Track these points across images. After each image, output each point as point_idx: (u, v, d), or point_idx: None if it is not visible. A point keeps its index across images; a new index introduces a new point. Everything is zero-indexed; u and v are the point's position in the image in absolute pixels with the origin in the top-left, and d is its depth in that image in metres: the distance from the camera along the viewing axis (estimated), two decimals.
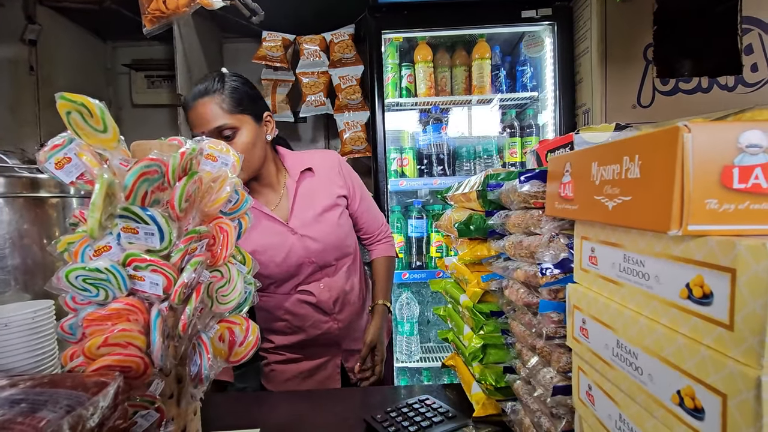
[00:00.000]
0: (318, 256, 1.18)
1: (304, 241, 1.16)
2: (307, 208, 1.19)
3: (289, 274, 1.17)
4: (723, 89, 1.59)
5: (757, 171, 0.25)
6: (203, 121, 1.05)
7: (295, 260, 1.16)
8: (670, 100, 1.60)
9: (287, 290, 1.20)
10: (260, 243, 1.14)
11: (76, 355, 0.56)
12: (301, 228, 1.17)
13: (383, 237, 1.38)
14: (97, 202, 0.47)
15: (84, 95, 0.55)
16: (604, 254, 0.39)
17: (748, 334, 0.23)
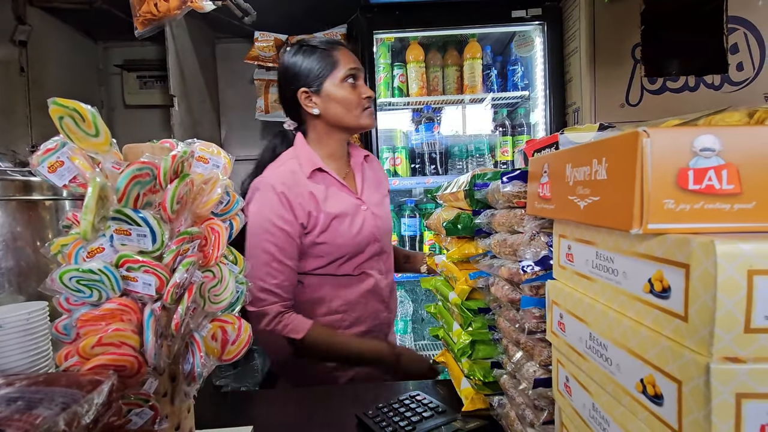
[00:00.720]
0: (382, 236, 1.19)
1: (375, 218, 1.18)
2: (373, 189, 1.23)
3: (358, 248, 1.14)
4: (709, 88, 1.62)
5: (710, 173, 0.27)
6: (355, 60, 1.17)
7: (366, 235, 1.15)
8: (658, 98, 1.62)
9: (350, 269, 1.15)
10: (340, 210, 1.13)
11: (71, 355, 0.57)
12: (371, 206, 1.19)
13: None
14: (89, 205, 0.48)
15: (76, 99, 0.56)
16: (579, 251, 0.41)
17: (700, 325, 0.25)
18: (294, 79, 1.14)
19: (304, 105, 1.14)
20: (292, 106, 1.18)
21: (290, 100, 1.17)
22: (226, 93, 2.76)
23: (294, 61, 1.15)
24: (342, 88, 1.13)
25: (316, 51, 1.14)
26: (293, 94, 1.15)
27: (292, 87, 1.15)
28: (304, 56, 1.14)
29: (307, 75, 1.13)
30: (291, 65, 1.15)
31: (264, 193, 1.10)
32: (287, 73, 1.16)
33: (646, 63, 1.57)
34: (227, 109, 2.77)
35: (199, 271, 0.65)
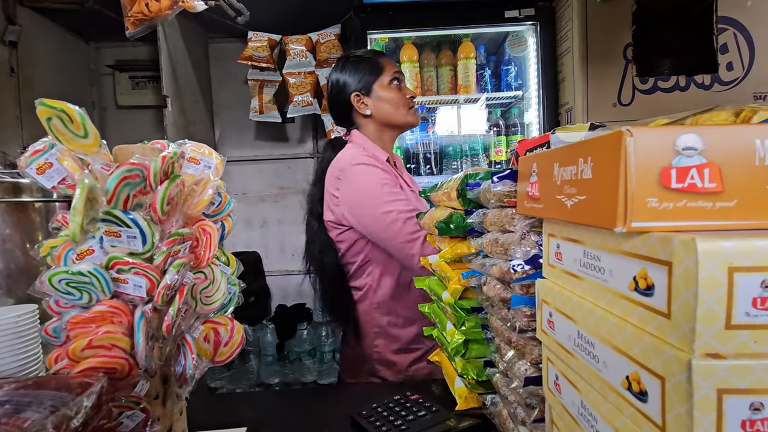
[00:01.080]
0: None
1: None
2: (413, 186, 1.30)
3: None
4: (700, 87, 1.63)
5: (692, 171, 0.27)
6: (396, 65, 1.30)
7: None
8: (650, 98, 1.64)
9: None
10: (412, 203, 1.18)
11: (61, 357, 0.57)
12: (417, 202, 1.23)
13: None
14: (78, 207, 0.48)
15: (67, 100, 0.55)
16: (568, 250, 0.41)
17: (682, 321, 0.25)
18: (346, 85, 1.26)
19: (357, 107, 1.26)
20: (344, 112, 1.30)
21: (343, 106, 1.28)
22: (220, 93, 2.75)
23: (344, 71, 1.28)
24: (389, 89, 1.25)
25: (363, 60, 1.28)
26: (346, 99, 1.26)
27: (345, 93, 1.27)
28: (353, 66, 1.27)
29: (358, 80, 1.26)
30: (341, 75, 1.28)
31: (362, 167, 1.17)
32: (339, 82, 1.28)
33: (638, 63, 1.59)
34: (221, 110, 2.76)
35: (190, 273, 0.64)
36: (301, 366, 2.47)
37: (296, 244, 2.82)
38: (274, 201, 2.83)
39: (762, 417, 0.24)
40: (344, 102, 1.27)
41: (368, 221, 1.15)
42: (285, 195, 2.82)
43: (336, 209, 1.19)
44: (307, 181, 2.80)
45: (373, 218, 1.14)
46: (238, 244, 2.78)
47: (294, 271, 2.83)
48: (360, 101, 1.26)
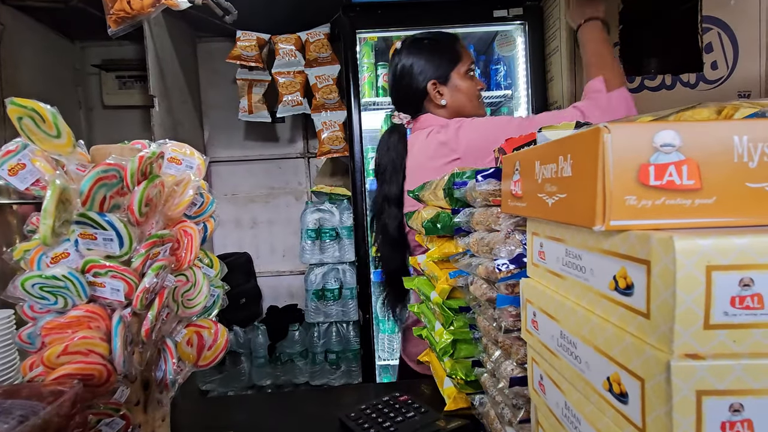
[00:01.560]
0: None
1: None
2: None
3: None
4: (686, 86, 1.65)
5: (671, 168, 0.27)
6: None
7: None
8: (637, 96, 1.64)
9: None
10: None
11: (36, 364, 0.55)
12: None
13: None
14: (49, 209, 0.46)
15: (49, 100, 0.54)
16: (551, 249, 0.40)
17: (661, 321, 0.25)
18: (421, 72, 1.16)
19: (432, 95, 1.17)
20: (414, 99, 1.20)
21: (414, 93, 1.18)
22: (209, 93, 2.72)
23: (420, 56, 1.17)
24: (465, 79, 1.18)
25: (440, 45, 1.18)
26: (421, 86, 1.17)
27: (420, 79, 1.17)
28: (430, 51, 1.17)
29: (437, 67, 1.16)
30: (417, 59, 1.17)
31: (467, 119, 1.12)
32: (413, 68, 1.17)
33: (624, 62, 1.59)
34: (210, 110, 2.74)
35: (171, 275, 0.63)
36: (293, 367, 2.45)
37: (287, 245, 2.80)
38: (264, 201, 2.80)
39: (742, 418, 0.24)
40: (417, 89, 1.17)
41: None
42: (275, 195, 2.80)
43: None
44: (297, 181, 2.79)
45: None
46: (229, 245, 2.75)
47: (285, 272, 2.81)
48: (436, 90, 1.17)
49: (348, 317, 2.40)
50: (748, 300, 0.24)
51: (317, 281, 2.38)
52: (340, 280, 2.39)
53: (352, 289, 2.37)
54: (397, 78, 1.21)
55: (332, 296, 2.38)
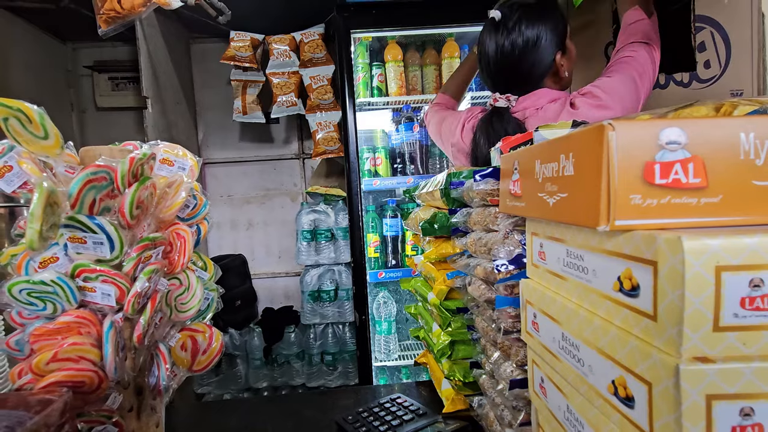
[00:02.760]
0: None
1: None
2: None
3: None
4: (679, 85, 1.65)
5: (676, 167, 0.26)
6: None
7: None
8: None
9: None
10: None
11: (25, 372, 0.54)
12: None
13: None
14: (36, 213, 0.45)
15: (41, 102, 0.52)
16: (551, 249, 0.40)
17: (669, 324, 0.24)
18: (549, 43, 1.01)
19: (559, 69, 1.04)
20: (537, 75, 1.04)
21: (540, 69, 1.03)
22: (203, 94, 2.70)
23: (544, 24, 1.01)
24: (571, 43, 1.08)
25: (555, 10, 1.05)
26: (549, 59, 1.02)
27: (548, 52, 1.02)
28: (551, 15, 1.03)
29: (561, 35, 1.03)
30: (542, 29, 1.01)
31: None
32: (538, 41, 1.00)
33: None
34: (204, 111, 2.71)
35: (164, 279, 0.62)
36: (290, 369, 2.44)
37: (283, 246, 2.78)
38: (260, 203, 2.78)
39: (753, 422, 0.23)
40: (543, 64, 1.02)
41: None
42: (271, 197, 2.78)
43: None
44: (293, 182, 2.77)
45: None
46: (224, 246, 2.73)
47: (281, 274, 2.79)
48: (561, 62, 1.04)
49: (344, 318, 2.39)
50: (759, 301, 0.23)
51: (313, 282, 2.37)
52: (335, 281, 2.38)
53: (347, 290, 2.36)
54: (516, 55, 1.01)
55: (328, 297, 2.37)
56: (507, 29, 1.01)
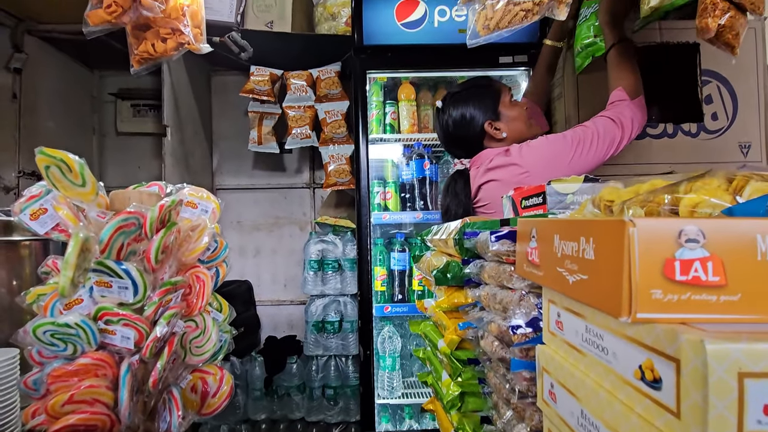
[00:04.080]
0: None
1: None
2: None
3: None
4: (687, 135, 1.68)
5: (696, 264, 0.27)
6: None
7: None
8: (640, 143, 1.68)
9: None
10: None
11: (39, 412, 0.54)
12: None
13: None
14: (70, 261, 0.47)
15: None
16: (569, 321, 0.40)
17: (693, 424, 0.25)
18: (474, 117, 1.28)
19: (492, 134, 1.28)
20: (474, 143, 1.31)
21: (473, 138, 1.30)
22: (220, 123, 2.78)
23: (467, 104, 1.29)
24: (512, 107, 1.30)
25: (480, 88, 1.32)
26: (479, 130, 1.29)
27: (475, 124, 1.28)
28: (474, 95, 1.30)
29: (486, 108, 1.28)
30: (465, 108, 1.29)
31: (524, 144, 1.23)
32: (464, 118, 1.29)
33: None
34: (220, 139, 2.79)
35: (181, 321, 0.63)
36: (290, 402, 2.39)
37: (290, 275, 2.78)
38: (268, 230, 2.81)
39: None
40: (475, 134, 1.29)
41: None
42: (280, 225, 2.81)
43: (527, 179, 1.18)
44: (302, 211, 2.80)
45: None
46: (231, 273, 2.74)
47: (286, 302, 2.78)
48: (493, 127, 1.28)
49: (348, 351, 2.36)
50: None
51: (318, 313, 2.35)
52: (340, 312, 2.36)
53: (352, 323, 2.34)
54: (451, 130, 1.32)
55: (332, 329, 2.34)
56: (444, 113, 1.33)
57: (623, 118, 1.18)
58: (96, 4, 0.94)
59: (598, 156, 1.18)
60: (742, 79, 1.66)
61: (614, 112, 1.20)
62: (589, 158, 1.17)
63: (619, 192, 0.49)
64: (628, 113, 1.18)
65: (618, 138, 1.18)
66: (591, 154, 1.17)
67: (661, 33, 1.68)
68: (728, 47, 0.91)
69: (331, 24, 2.21)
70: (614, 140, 1.17)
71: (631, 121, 1.18)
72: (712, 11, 0.87)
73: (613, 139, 1.17)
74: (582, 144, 1.17)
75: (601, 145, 1.17)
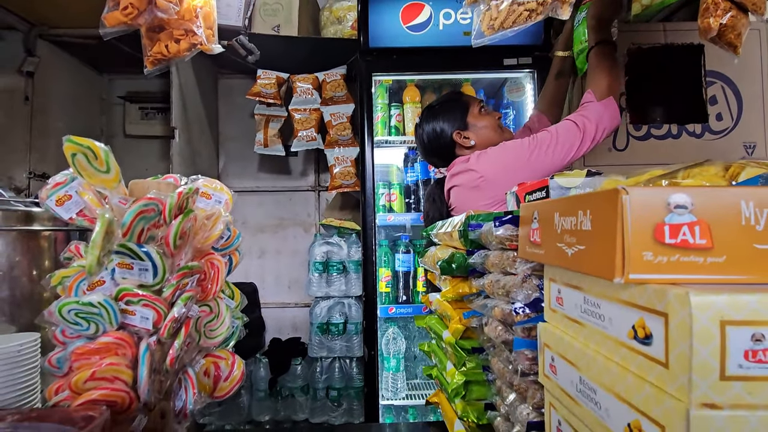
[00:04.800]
0: None
1: None
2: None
3: None
4: (691, 136, 1.70)
5: (684, 229, 0.30)
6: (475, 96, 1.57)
7: None
8: (644, 144, 1.70)
9: None
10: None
11: (62, 389, 0.57)
12: None
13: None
14: (97, 241, 0.49)
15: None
16: (569, 296, 0.43)
17: (680, 372, 0.27)
18: (443, 130, 1.40)
19: (460, 143, 1.38)
20: (447, 152, 1.42)
21: (446, 148, 1.41)
22: (226, 125, 2.83)
23: (437, 119, 1.41)
24: (480, 117, 1.40)
25: (448, 102, 1.44)
26: (449, 140, 1.39)
27: (445, 135, 1.39)
28: (443, 109, 1.42)
29: (453, 119, 1.39)
30: (435, 122, 1.41)
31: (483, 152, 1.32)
32: (436, 130, 1.41)
33: (631, 111, 1.66)
34: (226, 141, 2.83)
35: (196, 306, 0.65)
36: (294, 403, 2.40)
37: (294, 277, 2.81)
38: (273, 232, 2.84)
39: None
40: (446, 144, 1.40)
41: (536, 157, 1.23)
42: (285, 227, 2.84)
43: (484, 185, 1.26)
44: (307, 213, 2.83)
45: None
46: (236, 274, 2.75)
47: (290, 304, 2.80)
48: (462, 137, 1.38)
49: (352, 353, 2.37)
50: (761, 354, 0.26)
51: (322, 314, 2.37)
52: (345, 314, 2.38)
53: (357, 324, 2.36)
54: (426, 143, 1.44)
55: (337, 331, 2.36)
56: (420, 127, 1.46)
57: (587, 121, 1.22)
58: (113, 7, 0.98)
59: (555, 161, 1.23)
60: (746, 79, 1.68)
61: (579, 114, 1.25)
62: (546, 162, 1.23)
63: (618, 183, 0.52)
64: (593, 116, 1.22)
65: (577, 144, 1.23)
66: (548, 158, 1.23)
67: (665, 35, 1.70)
68: (730, 47, 0.93)
69: (337, 28, 2.26)
70: (573, 146, 1.23)
71: (596, 124, 1.23)
72: (713, 11, 0.89)
73: (572, 144, 1.23)
74: (539, 148, 1.23)
75: (559, 150, 1.23)
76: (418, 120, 1.47)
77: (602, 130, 1.24)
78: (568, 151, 1.23)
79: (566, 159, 1.24)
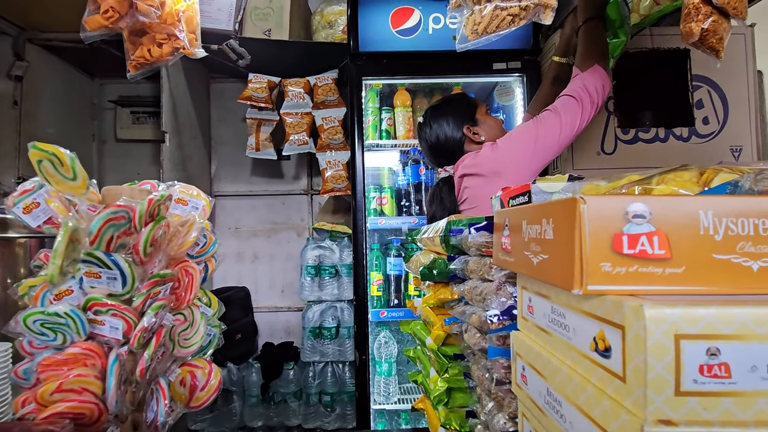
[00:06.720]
0: None
1: None
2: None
3: None
4: (678, 139, 1.70)
5: (642, 239, 0.29)
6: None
7: None
8: (631, 148, 1.70)
9: None
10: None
11: (29, 401, 0.55)
12: None
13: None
14: (59, 250, 0.48)
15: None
16: (538, 304, 0.42)
17: (635, 386, 0.26)
18: (454, 124, 1.40)
19: (471, 137, 1.39)
20: (456, 149, 1.41)
21: (455, 143, 1.40)
22: (218, 129, 2.81)
23: (446, 116, 1.41)
24: (488, 117, 1.44)
25: (456, 101, 1.47)
26: (459, 135, 1.40)
27: (456, 129, 1.40)
28: (452, 107, 1.44)
29: (463, 115, 1.41)
30: (445, 118, 1.41)
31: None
32: (445, 126, 1.41)
33: (619, 115, 1.66)
34: (219, 145, 2.82)
35: (169, 314, 0.64)
36: (287, 408, 2.38)
37: (287, 281, 2.79)
38: (266, 236, 2.82)
39: None
40: (455, 139, 1.40)
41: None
42: (278, 230, 2.83)
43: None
44: (300, 217, 2.82)
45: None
46: (229, 278, 2.75)
47: (283, 308, 2.78)
48: (471, 132, 1.39)
49: (344, 357, 2.36)
50: (716, 369, 0.25)
51: (315, 319, 2.36)
52: (337, 318, 2.37)
53: (349, 328, 2.34)
54: (433, 140, 1.43)
55: (329, 335, 2.35)
56: (426, 126, 1.44)
57: (579, 89, 1.25)
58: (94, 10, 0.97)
59: (565, 131, 1.25)
60: (732, 83, 1.68)
61: (570, 88, 1.28)
62: (556, 134, 1.25)
63: (599, 188, 0.51)
64: (582, 83, 1.25)
65: (579, 110, 1.25)
66: (557, 130, 1.25)
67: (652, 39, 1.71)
68: (713, 51, 0.93)
69: (328, 32, 2.25)
70: (576, 114, 1.25)
71: (586, 89, 1.25)
72: (695, 16, 0.89)
73: (575, 112, 1.24)
74: (544, 122, 1.26)
75: (564, 120, 1.24)
76: (422, 120, 1.46)
77: (595, 92, 1.25)
78: (573, 120, 1.24)
79: (575, 128, 1.25)
